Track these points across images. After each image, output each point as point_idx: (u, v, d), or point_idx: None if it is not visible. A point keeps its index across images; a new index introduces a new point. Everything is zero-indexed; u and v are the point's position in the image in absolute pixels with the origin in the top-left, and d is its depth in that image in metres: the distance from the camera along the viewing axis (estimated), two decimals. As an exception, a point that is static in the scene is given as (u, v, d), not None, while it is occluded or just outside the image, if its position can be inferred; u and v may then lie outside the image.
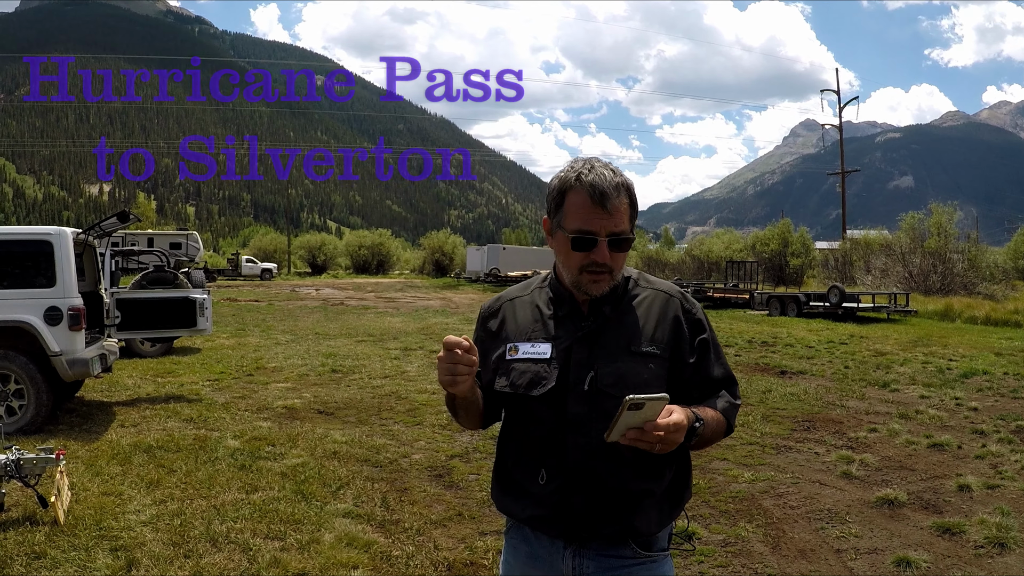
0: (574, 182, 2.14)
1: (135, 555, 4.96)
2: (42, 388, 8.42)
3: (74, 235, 9.02)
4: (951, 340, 18.04)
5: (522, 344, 2.26)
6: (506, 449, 2.34)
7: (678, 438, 1.94)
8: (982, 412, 9.99)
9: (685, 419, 1.96)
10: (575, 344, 2.20)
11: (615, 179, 2.12)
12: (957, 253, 34.24)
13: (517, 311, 2.35)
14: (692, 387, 2.25)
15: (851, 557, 5.21)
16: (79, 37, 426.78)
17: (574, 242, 2.14)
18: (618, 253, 2.15)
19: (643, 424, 1.88)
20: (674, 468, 2.27)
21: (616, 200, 2.10)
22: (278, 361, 14.10)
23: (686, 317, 2.26)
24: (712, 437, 2.19)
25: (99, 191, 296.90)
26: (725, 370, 2.32)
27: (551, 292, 2.33)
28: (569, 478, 2.15)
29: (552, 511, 2.18)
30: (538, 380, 2.19)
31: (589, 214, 2.11)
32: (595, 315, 2.23)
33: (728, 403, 2.27)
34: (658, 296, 2.28)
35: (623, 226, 2.13)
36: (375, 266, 78.20)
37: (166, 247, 43.79)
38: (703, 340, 2.28)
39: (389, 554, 5.12)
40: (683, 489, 2.32)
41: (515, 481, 2.28)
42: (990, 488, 6.71)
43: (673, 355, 2.22)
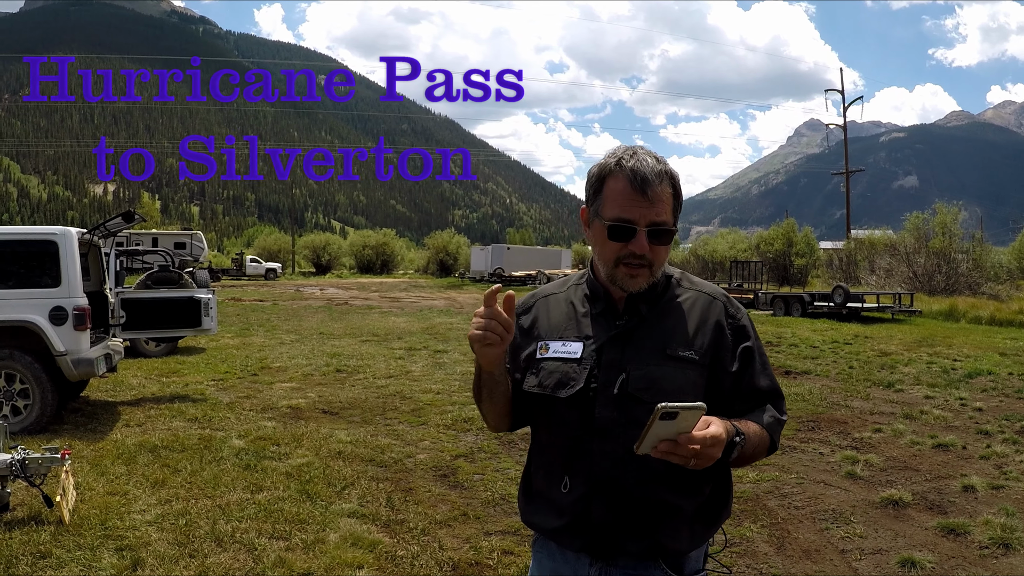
0: (614, 167, 2.03)
1: (140, 555, 4.97)
2: (47, 388, 8.44)
3: (79, 235, 9.04)
4: (956, 340, 18.00)
5: (553, 343, 2.14)
6: (533, 456, 2.23)
7: (715, 453, 1.79)
8: (987, 412, 9.98)
9: (724, 432, 1.81)
10: (607, 344, 2.07)
11: (658, 166, 2.00)
12: (962, 253, 34.17)
13: (551, 308, 2.23)
14: (734, 399, 2.09)
15: (856, 557, 5.21)
16: (83, 37, 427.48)
17: (611, 230, 2.01)
18: (658, 246, 2.02)
19: (676, 436, 1.74)
20: (712, 484, 2.10)
21: (658, 188, 1.98)
22: (283, 361, 14.12)
23: (729, 323, 2.12)
24: (754, 454, 2.02)
25: (104, 191, 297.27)
26: (771, 382, 2.14)
27: (587, 289, 2.19)
28: (593, 487, 2.01)
29: (573, 521, 2.04)
30: (566, 381, 2.06)
31: (628, 201, 1.98)
32: (631, 314, 2.10)
33: (773, 418, 2.09)
34: (700, 298, 2.14)
35: (664, 216, 2.00)
36: (379, 266, 78.23)
37: (171, 247, 43.90)
38: (747, 348, 2.12)
39: (394, 554, 5.12)
40: (720, 508, 2.14)
41: (539, 490, 2.16)
42: (995, 488, 6.70)
43: (713, 363, 2.07)
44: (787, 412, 2.17)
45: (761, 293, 29.75)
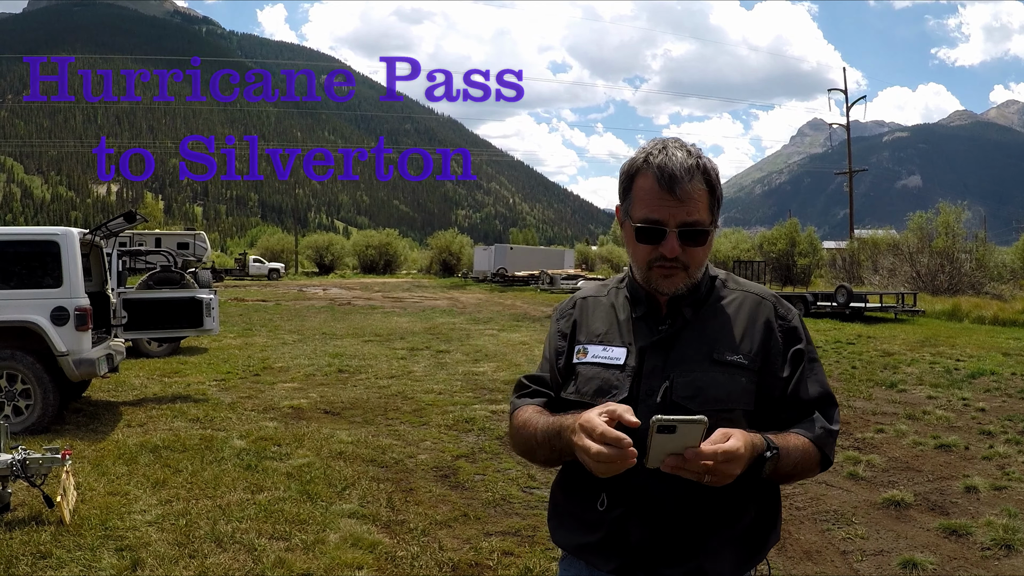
0: (642, 164, 1.91)
1: (140, 555, 4.97)
2: (49, 388, 8.44)
3: (81, 235, 9.04)
4: (959, 340, 17.98)
5: (592, 347, 2.03)
6: (566, 468, 2.06)
7: (731, 470, 1.67)
8: (989, 413, 9.95)
9: (743, 447, 1.68)
10: (649, 350, 1.96)
11: (688, 161, 1.87)
12: (965, 253, 34.13)
13: (591, 311, 2.12)
14: (781, 407, 1.96)
15: (857, 558, 5.20)
16: (86, 38, 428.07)
17: (639, 233, 1.91)
18: (693, 247, 1.89)
19: (684, 450, 1.63)
20: (758, 506, 1.96)
21: (688, 185, 1.85)
22: (285, 361, 14.12)
23: (780, 324, 2.00)
24: (797, 470, 1.89)
25: (107, 191, 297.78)
26: (822, 388, 1.99)
27: (628, 292, 2.08)
28: (632, 505, 1.88)
29: (607, 539, 1.92)
30: (607, 388, 1.95)
31: (656, 201, 1.87)
32: (674, 318, 1.99)
33: (823, 429, 1.94)
34: (748, 299, 2.04)
35: (697, 215, 1.87)
36: (382, 266, 78.23)
37: (173, 247, 43.93)
38: (798, 351, 1.99)
39: (394, 554, 5.11)
40: (769, 530, 2.01)
41: (571, 505, 2.03)
42: (997, 489, 6.69)
43: (763, 367, 1.95)
44: (839, 420, 2.01)
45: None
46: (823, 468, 1.97)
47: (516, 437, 2.09)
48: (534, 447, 1.99)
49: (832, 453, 1.97)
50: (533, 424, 1.99)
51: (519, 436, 2.06)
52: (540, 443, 1.95)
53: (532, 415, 2.03)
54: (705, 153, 1.93)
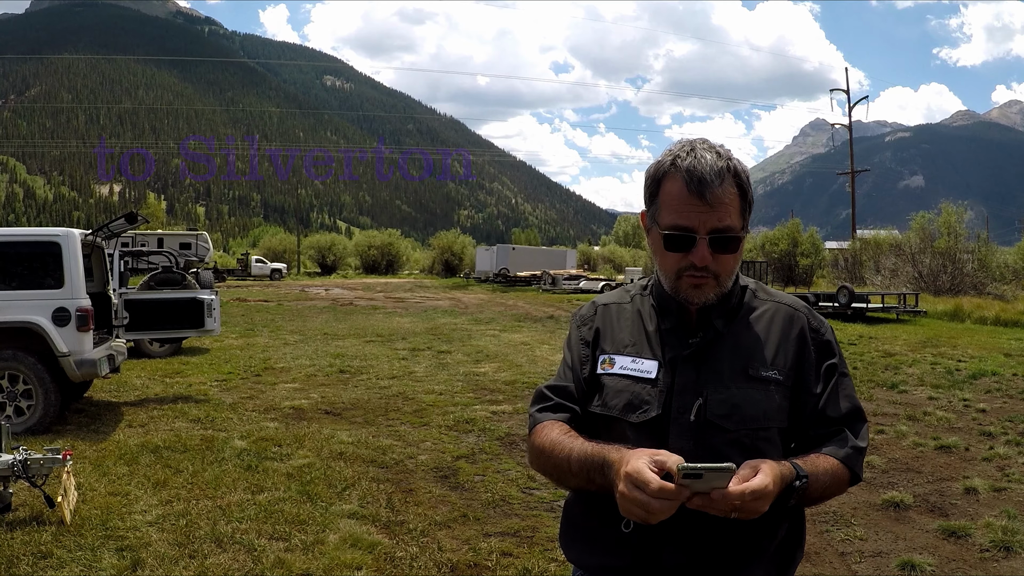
0: (669, 167, 1.82)
1: (140, 555, 4.98)
2: (50, 388, 8.46)
3: (82, 236, 9.06)
4: (960, 341, 17.97)
5: (620, 357, 1.92)
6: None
7: (760, 507, 1.59)
8: (990, 414, 9.95)
9: (771, 483, 1.60)
10: (680, 364, 1.85)
11: (719, 163, 1.77)
12: (967, 253, 34.11)
13: (615, 319, 2.01)
14: (809, 424, 1.88)
15: (855, 560, 5.21)
16: (89, 38, 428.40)
17: (667, 240, 1.81)
18: (724, 255, 1.80)
19: (710, 491, 1.56)
20: (788, 522, 1.89)
21: (719, 189, 1.75)
22: (286, 361, 14.14)
23: (813, 337, 1.92)
24: (826, 493, 1.81)
25: (109, 192, 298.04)
26: (852, 403, 1.91)
27: (655, 300, 1.97)
28: (663, 529, 1.71)
29: (634, 563, 1.82)
30: (638, 404, 1.85)
31: (685, 206, 1.77)
32: (705, 330, 1.88)
33: (852, 448, 1.85)
34: (780, 310, 1.94)
35: (728, 221, 1.78)
36: (384, 266, 78.26)
37: (176, 247, 43.99)
38: (831, 366, 1.91)
39: (393, 555, 5.12)
40: (795, 547, 1.94)
41: (591, 523, 1.91)
42: (997, 491, 6.69)
43: (797, 383, 1.87)
44: (867, 436, 1.92)
45: (766, 293, 29.66)
46: (853, 484, 1.91)
47: (542, 459, 1.92)
48: (566, 475, 1.84)
49: (861, 470, 1.89)
50: (565, 449, 1.84)
51: (547, 459, 1.89)
52: (575, 473, 1.81)
53: (560, 437, 1.87)
54: (735, 154, 1.86)
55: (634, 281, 2.12)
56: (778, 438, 1.84)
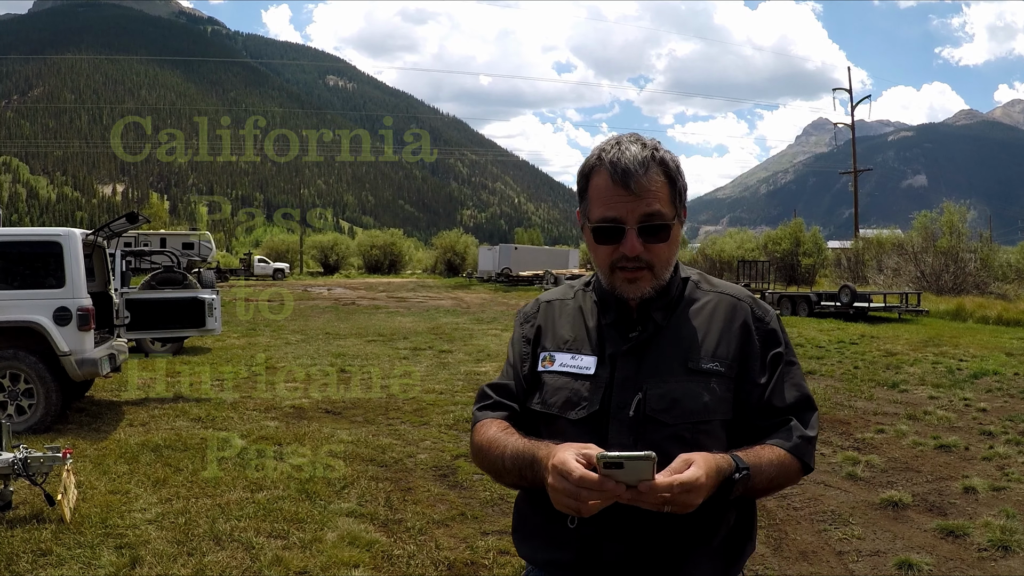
0: (595, 162, 1.82)
1: (139, 553, 5.00)
2: (51, 387, 8.49)
3: (83, 236, 9.08)
4: (962, 340, 17.96)
5: (560, 354, 1.92)
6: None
7: (692, 500, 1.57)
8: (991, 413, 9.95)
9: (704, 475, 1.58)
10: (620, 359, 1.85)
11: (642, 153, 1.77)
12: (969, 252, 34.09)
13: (557, 316, 2.01)
14: (756, 414, 1.86)
15: (853, 559, 5.21)
16: (92, 38, 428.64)
17: (597, 233, 1.81)
18: (656, 244, 1.79)
19: (637, 483, 1.54)
20: (736, 513, 1.87)
21: (643, 178, 1.75)
22: (287, 361, 14.15)
23: (758, 326, 1.90)
24: (773, 484, 1.79)
25: (112, 191, 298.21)
26: (800, 393, 1.89)
27: (596, 295, 1.97)
28: (605, 523, 1.74)
29: (580, 558, 1.82)
30: (576, 401, 1.85)
31: (612, 198, 1.77)
32: (645, 323, 1.87)
33: (800, 437, 1.83)
34: (723, 300, 1.92)
35: (657, 207, 1.77)
36: (387, 266, 78.29)
37: (178, 247, 44.03)
38: (776, 355, 1.89)
39: (390, 553, 5.14)
40: (745, 540, 1.92)
41: (539, 520, 1.90)
42: (996, 490, 6.69)
43: (740, 373, 1.86)
44: (817, 425, 1.89)
45: (768, 293, 29.71)
46: (804, 474, 1.88)
47: (480, 456, 1.94)
48: (501, 471, 1.86)
49: (812, 460, 1.87)
50: (500, 446, 1.85)
51: (484, 456, 1.91)
52: (508, 469, 1.83)
53: (497, 435, 1.89)
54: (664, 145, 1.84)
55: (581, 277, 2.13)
56: (721, 431, 1.82)
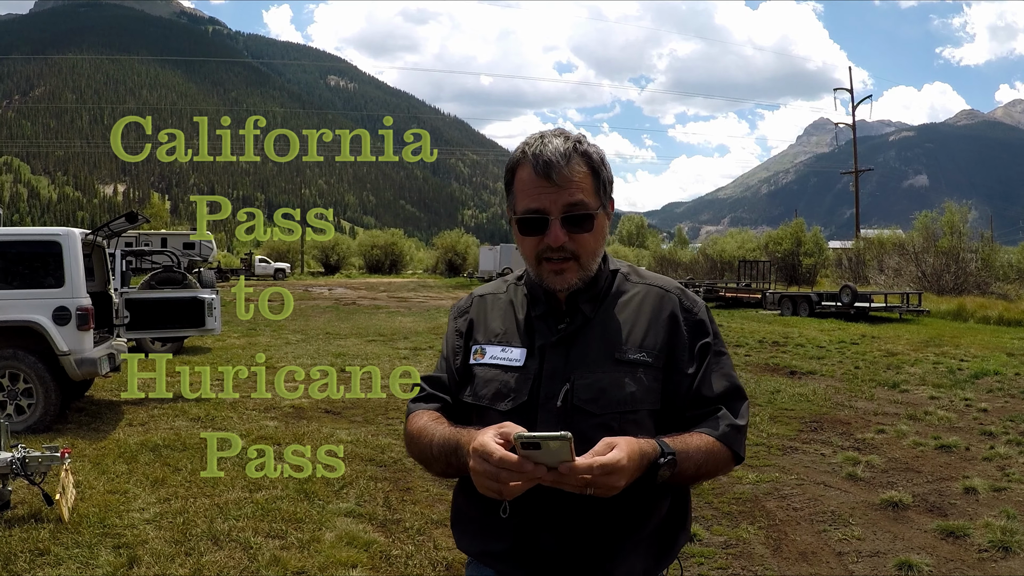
0: (520, 156, 1.85)
1: (137, 552, 4.99)
2: (51, 387, 8.48)
3: (83, 236, 9.07)
4: (963, 340, 17.94)
5: (490, 347, 1.94)
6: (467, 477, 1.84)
7: (614, 482, 1.58)
8: (992, 413, 9.93)
9: (627, 458, 1.59)
10: (548, 350, 1.87)
11: (565, 145, 1.81)
12: (971, 252, 34.04)
13: (489, 309, 2.03)
14: (685, 404, 1.87)
15: (852, 560, 5.19)
16: (93, 38, 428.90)
17: (521, 224, 1.84)
18: (580, 234, 1.82)
19: (557, 465, 1.55)
20: (668, 502, 1.90)
21: (566, 169, 1.79)
22: (287, 361, 14.14)
23: (685, 317, 1.91)
24: (701, 472, 1.81)
25: (113, 191, 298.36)
26: (729, 383, 1.92)
27: (527, 289, 1.99)
28: (536, 513, 1.79)
29: (515, 548, 1.84)
30: (506, 392, 1.87)
31: (535, 189, 1.80)
32: (573, 315, 1.89)
33: (729, 426, 1.86)
34: (651, 292, 1.94)
35: (579, 197, 1.80)
36: (388, 266, 78.28)
37: (179, 247, 44.03)
38: (704, 345, 1.90)
39: (388, 553, 5.13)
40: (678, 530, 1.94)
41: (474, 512, 1.94)
42: (996, 491, 6.67)
43: (668, 363, 1.87)
44: (748, 414, 1.93)
45: (769, 293, 29.68)
46: (736, 463, 1.91)
47: (412, 446, 1.97)
48: (430, 459, 1.89)
49: (742, 449, 1.90)
50: (429, 435, 1.89)
51: (415, 446, 1.95)
52: (436, 457, 1.86)
53: (427, 424, 1.93)
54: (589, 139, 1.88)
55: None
56: (649, 420, 1.84)
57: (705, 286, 33.79)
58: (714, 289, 33.41)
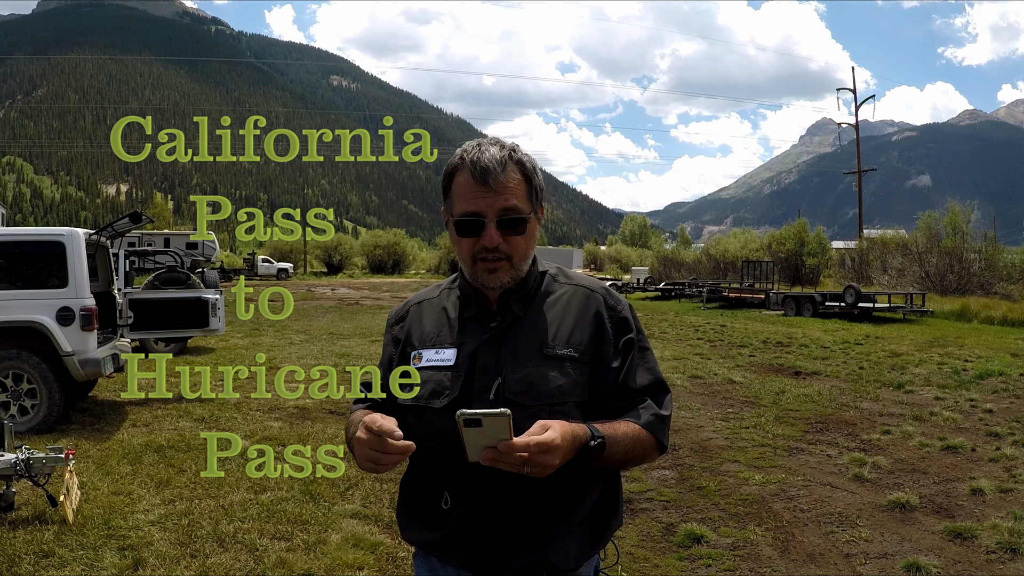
0: (458, 162, 1.97)
1: (142, 554, 4.98)
2: (54, 388, 8.47)
3: (86, 236, 9.06)
4: (967, 341, 17.91)
5: (426, 351, 2.05)
6: (410, 470, 2.10)
7: (549, 460, 1.70)
8: (997, 414, 9.90)
9: (560, 439, 1.71)
10: (481, 348, 1.99)
11: (500, 153, 1.93)
12: (974, 253, 33.96)
13: (424, 315, 2.15)
14: (612, 396, 1.99)
15: (860, 561, 5.17)
16: (95, 38, 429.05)
17: (459, 226, 1.95)
18: (514, 236, 1.95)
19: (496, 443, 1.66)
20: (600, 489, 2.02)
21: (502, 176, 1.91)
22: (291, 361, 14.12)
23: (610, 315, 2.03)
24: (628, 457, 1.92)
25: (116, 191, 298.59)
26: (653, 376, 2.04)
27: (459, 292, 2.12)
28: (473, 501, 1.92)
29: (453, 536, 1.96)
30: (440, 390, 1.98)
31: (472, 194, 1.92)
32: (504, 314, 2.02)
33: (653, 416, 1.98)
34: (578, 292, 2.07)
35: (513, 202, 1.92)
36: (391, 266, 78.33)
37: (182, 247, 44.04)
38: (628, 341, 2.03)
39: (395, 555, 5.11)
40: (609, 515, 2.06)
41: (418, 505, 2.06)
42: (1003, 492, 6.64)
43: (594, 358, 1.99)
44: (671, 406, 2.06)
45: (772, 293, 29.65)
46: (660, 452, 2.02)
47: (346, 439, 2.09)
48: (352, 443, 1.98)
49: (665, 438, 2.01)
50: (354, 423, 2.02)
51: (346, 436, 2.09)
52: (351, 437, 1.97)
53: (355, 416, 2.07)
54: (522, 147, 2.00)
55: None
56: (577, 412, 1.93)
57: (708, 286, 33.74)
58: (717, 289, 33.36)
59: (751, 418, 9.65)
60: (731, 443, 8.42)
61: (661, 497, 6.57)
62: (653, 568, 5.13)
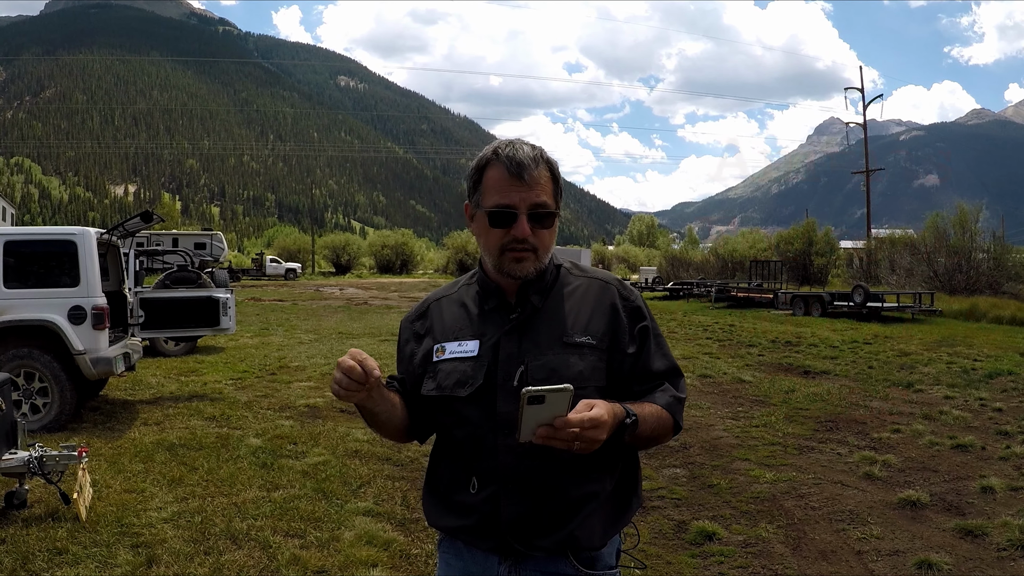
0: (491, 157, 2.07)
1: (156, 552, 5.00)
2: (66, 386, 8.51)
3: (98, 235, 9.10)
4: (976, 340, 17.86)
5: (449, 344, 2.14)
6: (437, 458, 2.22)
7: (598, 436, 1.80)
8: (1007, 413, 9.88)
9: (607, 414, 1.82)
10: (503, 338, 2.08)
11: (533, 152, 2.04)
12: (982, 252, 33.86)
13: (444, 310, 2.23)
14: (632, 380, 2.10)
15: (872, 559, 5.18)
16: (103, 39, 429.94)
17: (492, 217, 2.04)
18: (541, 229, 2.05)
19: (553, 420, 1.76)
20: (620, 469, 2.13)
21: (535, 171, 2.02)
22: (301, 360, 14.16)
23: (624, 304, 2.14)
24: (653, 435, 2.04)
25: (124, 192, 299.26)
26: (669, 362, 2.16)
27: (478, 287, 2.20)
28: (501, 485, 2.01)
29: (481, 520, 2.04)
30: (465, 380, 2.06)
31: (507, 187, 2.02)
32: (523, 306, 2.10)
33: (672, 397, 2.10)
34: (593, 283, 2.17)
35: (544, 198, 2.04)
36: (399, 266, 78.41)
37: (191, 247, 44.12)
38: (643, 328, 2.13)
39: (408, 552, 5.13)
40: (630, 494, 2.17)
41: (446, 491, 2.15)
42: (1014, 490, 6.64)
43: (611, 345, 2.09)
44: (686, 390, 2.17)
45: (781, 293, 29.58)
46: (675, 432, 2.12)
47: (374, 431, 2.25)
48: (370, 426, 2.19)
49: (681, 419, 2.12)
50: None
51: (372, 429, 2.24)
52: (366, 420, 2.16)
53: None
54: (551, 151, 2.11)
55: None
56: (597, 396, 1.96)
57: (717, 286, 33.68)
58: (726, 289, 33.28)
59: (761, 417, 9.66)
60: (741, 441, 8.42)
61: (673, 495, 6.58)
62: (666, 565, 5.14)
